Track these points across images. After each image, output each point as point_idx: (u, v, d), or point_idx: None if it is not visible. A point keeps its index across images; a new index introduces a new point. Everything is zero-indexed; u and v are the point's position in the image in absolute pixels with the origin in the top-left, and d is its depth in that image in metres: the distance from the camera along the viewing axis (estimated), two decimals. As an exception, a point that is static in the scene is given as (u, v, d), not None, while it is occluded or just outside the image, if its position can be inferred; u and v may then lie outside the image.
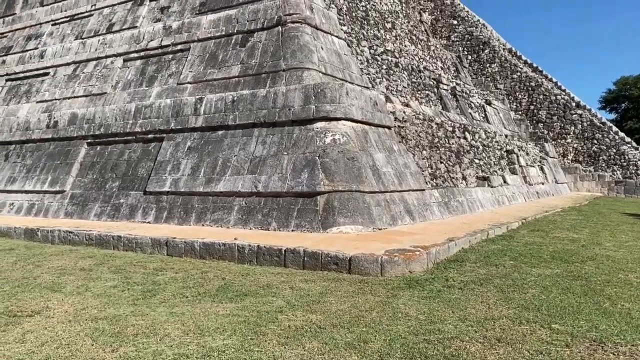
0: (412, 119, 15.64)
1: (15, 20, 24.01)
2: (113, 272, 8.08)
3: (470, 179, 16.94)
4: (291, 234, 10.29)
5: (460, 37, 30.66)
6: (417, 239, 9.48)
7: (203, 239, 9.53)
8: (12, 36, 23.38)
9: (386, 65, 19.18)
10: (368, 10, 22.83)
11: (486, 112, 24.65)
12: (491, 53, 29.91)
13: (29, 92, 19.17)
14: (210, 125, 13.26)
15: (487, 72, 29.91)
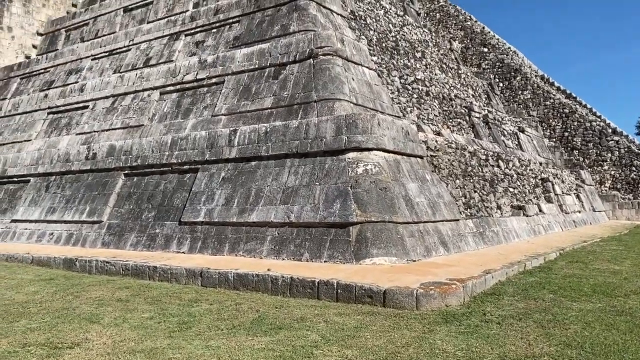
0: (444, 147, 15.56)
1: (58, 55, 25.00)
2: (149, 303, 8.16)
3: (505, 208, 16.67)
4: (324, 265, 10.26)
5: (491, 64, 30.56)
6: (452, 271, 9.33)
7: (236, 269, 9.58)
8: (54, 71, 24.32)
9: (417, 94, 19.22)
10: (398, 40, 23.02)
11: (519, 140, 24.35)
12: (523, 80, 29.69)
13: (69, 124, 19.82)
14: (244, 156, 13.44)
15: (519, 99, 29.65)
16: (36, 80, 24.80)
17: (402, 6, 29.24)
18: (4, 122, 22.37)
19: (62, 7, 29.05)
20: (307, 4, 17.70)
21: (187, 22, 20.59)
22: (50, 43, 27.68)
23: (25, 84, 25.16)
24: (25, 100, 22.34)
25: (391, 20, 24.87)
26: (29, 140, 20.48)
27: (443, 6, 33.83)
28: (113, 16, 25.07)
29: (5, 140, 21.36)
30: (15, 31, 27.24)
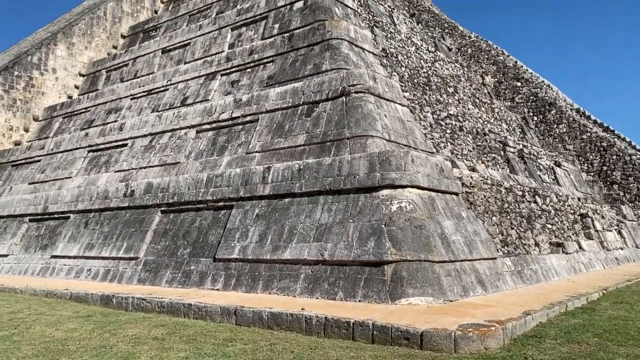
0: (479, 184, 15.39)
1: (98, 95, 25.93)
2: (184, 342, 8.17)
3: (543, 245, 16.27)
4: (358, 304, 10.14)
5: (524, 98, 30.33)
6: (491, 312, 9.10)
7: (270, 308, 9.54)
8: (95, 110, 25.19)
9: (450, 130, 19.16)
10: (430, 76, 23.13)
11: (556, 174, 23.90)
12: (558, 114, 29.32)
13: (108, 162, 20.38)
14: (277, 193, 13.55)
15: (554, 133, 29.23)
16: (77, 119, 25.71)
17: (433, 42, 29.47)
18: (46, 160, 23.16)
19: (104, 49, 30.26)
20: (339, 43, 18.03)
21: (223, 63, 21.16)
22: (91, 83, 28.77)
23: (67, 122, 26.10)
24: (67, 138, 23.12)
25: (422, 57, 25.06)
26: (70, 177, 21.11)
27: (474, 41, 33.94)
28: (152, 57, 25.98)
29: (47, 177, 22.07)
30: (59, 72, 28.43)
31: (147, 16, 32.11)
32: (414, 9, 33.76)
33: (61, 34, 28.64)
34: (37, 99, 27.59)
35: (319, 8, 20.05)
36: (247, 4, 23.83)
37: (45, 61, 27.76)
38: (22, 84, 26.97)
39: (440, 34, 32.59)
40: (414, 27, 29.19)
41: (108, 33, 30.54)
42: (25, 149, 24.69)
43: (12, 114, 26.69)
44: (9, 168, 24.57)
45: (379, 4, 27.54)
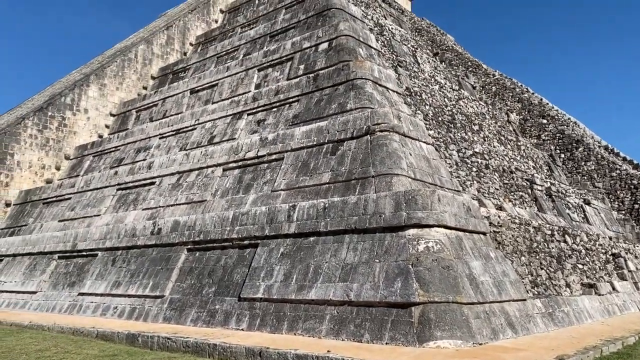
0: (507, 223, 15.13)
1: (128, 134, 26.52)
2: (209, 384, 8.07)
3: (574, 286, 15.81)
4: (385, 347, 9.92)
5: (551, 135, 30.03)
6: (522, 356, 8.81)
7: (296, 350, 9.40)
8: (124, 149, 25.73)
9: (476, 168, 19.01)
10: (454, 114, 23.13)
11: (585, 213, 23.39)
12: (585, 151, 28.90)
13: (136, 200, 20.67)
14: (302, 231, 13.51)
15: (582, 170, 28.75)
16: (107, 157, 26.27)
17: (457, 80, 29.59)
18: (76, 198, 23.60)
19: (134, 90, 31.11)
20: (363, 82, 18.22)
21: (250, 102, 21.53)
22: (121, 123, 29.50)
23: (97, 161, 26.68)
24: (97, 177, 23.59)
25: (446, 95, 25.14)
26: (99, 215, 21.44)
27: (499, 79, 33.96)
28: (180, 97, 26.59)
29: (77, 215, 22.45)
30: (90, 113, 29.25)
31: (176, 58, 33.04)
32: (437, 48, 34.07)
33: (94, 76, 29.59)
34: (69, 138, 28.35)
35: (343, 49, 20.37)
36: (273, 45, 24.37)
37: (78, 102, 28.63)
38: (55, 124, 27.78)
39: (463, 72, 32.73)
40: (437, 66, 29.40)
41: (138, 74, 31.45)
42: (56, 186, 25.24)
43: (45, 152, 27.43)
44: (40, 205, 25.09)
45: (402, 44, 27.89)
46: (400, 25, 32.78)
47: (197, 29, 34.47)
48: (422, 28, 36.70)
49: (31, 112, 27.37)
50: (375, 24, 27.58)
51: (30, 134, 26.83)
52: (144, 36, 34.66)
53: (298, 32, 24.49)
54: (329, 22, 22.96)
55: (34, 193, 25.78)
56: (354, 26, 22.06)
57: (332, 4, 24.04)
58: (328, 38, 21.56)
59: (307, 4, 26.16)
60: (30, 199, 25.74)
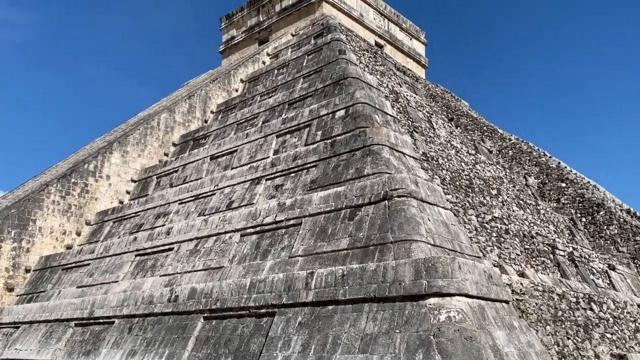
0: (530, 290, 14.70)
1: (148, 200, 26.81)
2: None
3: (603, 357, 15.09)
4: None
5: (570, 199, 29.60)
6: None
7: None
8: (144, 215, 25.93)
9: (496, 233, 18.72)
10: (472, 179, 23.06)
11: (611, 278, 22.66)
12: (607, 215, 28.33)
13: (154, 266, 20.60)
14: (321, 300, 13.22)
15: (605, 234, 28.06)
16: (127, 223, 26.46)
17: (473, 145, 29.70)
18: (95, 264, 23.61)
19: (155, 157, 31.72)
20: (380, 148, 18.37)
21: (268, 168, 21.77)
22: (142, 189, 29.90)
23: (117, 227, 26.87)
24: (116, 243, 23.67)
25: (463, 159, 25.17)
26: (116, 281, 21.34)
27: (515, 143, 34.00)
28: (200, 163, 27.02)
29: (95, 281, 22.38)
30: (112, 179, 29.75)
31: (197, 125, 33.84)
32: (452, 113, 34.47)
33: (117, 143, 30.31)
34: (90, 204, 28.72)
35: (359, 116, 20.71)
36: (291, 113, 24.88)
37: (101, 168, 29.20)
38: (77, 190, 28.25)
39: (479, 137, 32.90)
40: (453, 131, 29.64)
41: (160, 141, 32.16)
42: (76, 252, 25.34)
43: (67, 218, 27.75)
44: (60, 271, 25.11)
45: (417, 110, 28.30)
46: (415, 92, 33.40)
47: (218, 98, 35.46)
48: (436, 94, 37.31)
49: (55, 178, 27.93)
50: (391, 92, 28.13)
51: (53, 200, 27.26)
52: (166, 105, 35.71)
53: (315, 100, 25.03)
54: (345, 90, 23.48)
55: (54, 259, 25.87)
56: (370, 94, 22.50)
57: (349, 73, 24.66)
58: (345, 105, 21.97)
59: (324, 74, 26.89)
60: (49, 265, 25.81)
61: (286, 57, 34.73)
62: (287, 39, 38.59)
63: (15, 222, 26.03)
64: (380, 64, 33.58)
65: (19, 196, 28.63)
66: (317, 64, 28.86)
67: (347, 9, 39.49)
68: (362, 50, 33.68)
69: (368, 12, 41.71)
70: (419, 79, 40.09)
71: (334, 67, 26.73)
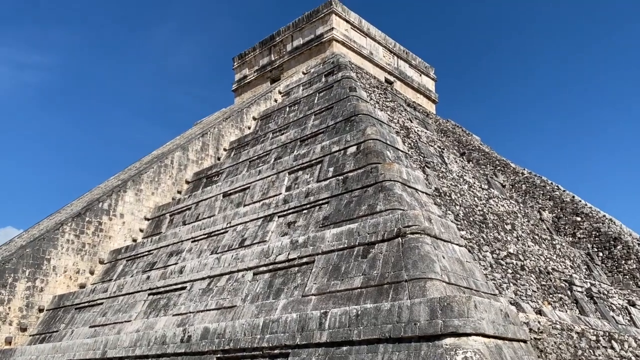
0: (548, 329, 14.40)
1: (161, 238, 26.89)
2: None
3: (627, 398, 14.64)
4: None
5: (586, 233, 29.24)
6: None
7: None
8: (157, 253, 25.97)
9: (511, 269, 18.48)
10: (485, 214, 22.92)
11: (631, 315, 22.16)
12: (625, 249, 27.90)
13: (167, 305, 20.52)
14: (335, 340, 13.04)
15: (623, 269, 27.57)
16: (140, 262, 26.49)
17: (485, 180, 29.63)
18: (108, 303, 23.56)
19: (169, 194, 31.95)
20: (392, 184, 18.38)
21: (280, 205, 21.81)
22: (155, 226, 30.04)
23: (130, 265, 26.90)
24: (129, 281, 23.66)
25: (476, 194, 25.08)
26: (129, 321, 21.24)
27: (528, 177, 33.86)
28: (213, 201, 27.15)
29: (108, 321, 22.29)
30: (126, 217, 29.95)
31: (210, 163, 34.16)
32: (464, 148, 34.52)
33: (131, 182, 30.63)
34: (104, 243, 28.86)
35: (371, 152, 20.81)
36: (303, 150, 25.07)
37: (115, 207, 29.45)
38: (91, 229, 28.44)
39: (492, 171, 32.83)
40: (464, 166, 29.62)
41: (174, 179, 32.45)
42: (89, 291, 25.34)
43: (80, 257, 27.87)
44: (73, 311, 25.07)
45: (428, 145, 28.40)
46: (426, 127, 33.58)
47: (230, 135, 35.88)
48: (447, 129, 37.47)
49: (70, 217, 28.18)
50: (402, 127, 28.31)
51: (68, 239, 27.44)
52: (180, 143, 36.16)
53: (327, 136, 25.24)
54: (356, 127, 23.67)
55: (67, 298, 25.87)
56: (381, 130, 22.65)
57: (359, 110, 24.91)
58: (356, 142, 22.11)
59: (335, 110, 27.19)
60: (63, 304, 25.79)
61: (297, 94, 35.22)
62: (298, 77, 39.20)
63: (29, 262, 26.18)
64: (391, 100, 33.91)
65: (34, 235, 28.85)
66: (328, 101, 29.21)
67: (357, 48, 40.17)
68: (373, 87, 34.08)
69: (378, 50, 42.37)
70: (430, 114, 40.34)
71: (344, 104, 27.03)
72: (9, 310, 25.32)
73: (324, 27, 39.25)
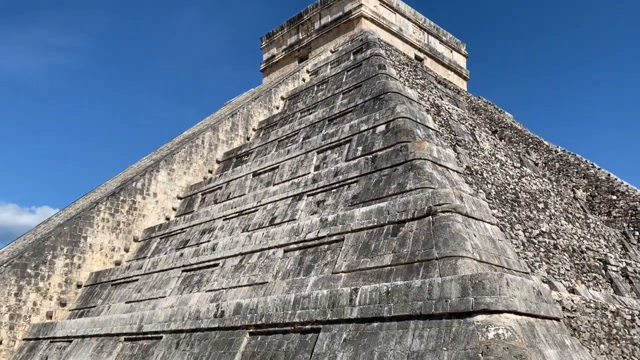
0: (582, 307, 14.22)
1: (193, 217, 27.32)
2: None
3: (663, 377, 14.41)
4: None
5: (622, 212, 28.51)
6: None
7: None
8: (190, 231, 26.43)
9: (544, 248, 18.23)
10: (518, 192, 22.58)
11: (668, 295, 21.68)
12: (662, 228, 27.20)
13: (200, 282, 20.94)
14: (365, 316, 13.14)
15: (660, 248, 26.91)
16: (173, 239, 27.01)
17: (518, 158, 29.12)
18: (143, 280, 24.16)
19: (200, 174, 32.38)
20: (422, 163, 18.24)
21: (309, 184, 21.89)
22: (187, 205, 30.52)
23: (164, 243, 27.46)
24: (163, 258, 24.19)
25: (508, 172, 24.70)
26: (164, 297, 21.76)
27: (562, 155, 33.11)
28: (243, 180, 27.41)
29: (143, 296, 22.89)
30: (159, 196, 30.50)
31: (240, 143, 34.41)
32: (496, 125, 33.94)
33: (163, 161, 31.11)
34: (138, 221, 29.49)
35: (400, 131, 20.65)
36: (331, 129, 25.02)
37: (148, 186, 30.00)
38: (126, 208, 29.07)
39: (524, 149, 32.23)
40: (497, 144, 29.13)
41: (205, 159, 32.84)
42: (124, 268, 26.01)
43: (115, 235, 28.56)
44: (109, 287, 25.81)
45: (459, 123, 27.99)
46: (457, 104, 33.06)
47: (259, 115, 36.02)
48: (479, 107, 36.83)
49: (104, 196, 28.83)
50: (432, 105, 27.95)
51: (103, 218, 28.13)
52: (210, 123, 36.46)
53: (355, 115, 25.11)
54: (385, 105, 23.48)
55: (104, 275, 26.62)
56: (411, 108, 22.42)
57: (389, 88, 24.67)
58: (385, 120, 21.96)
59: (364, 89, 26.98)
60: (99, 281, 26.56)
61: (326, 73, 35.03)
62: (326, 55, 38.95)
63: (67, 239, 26.97)
64: (421, 77, 33.44)
65: (71, 214, 29.64)
66: (357, 80, 28.99)
67: (386, 24, 39.61)
68: (402, 65, 33.65)
69: (407, 26, 41.71)
70: (461, 91, 39.69)
71: (373, 82, 26.79)
72: (49, 286, 26.22)
73: (353, 4, 38.76)
